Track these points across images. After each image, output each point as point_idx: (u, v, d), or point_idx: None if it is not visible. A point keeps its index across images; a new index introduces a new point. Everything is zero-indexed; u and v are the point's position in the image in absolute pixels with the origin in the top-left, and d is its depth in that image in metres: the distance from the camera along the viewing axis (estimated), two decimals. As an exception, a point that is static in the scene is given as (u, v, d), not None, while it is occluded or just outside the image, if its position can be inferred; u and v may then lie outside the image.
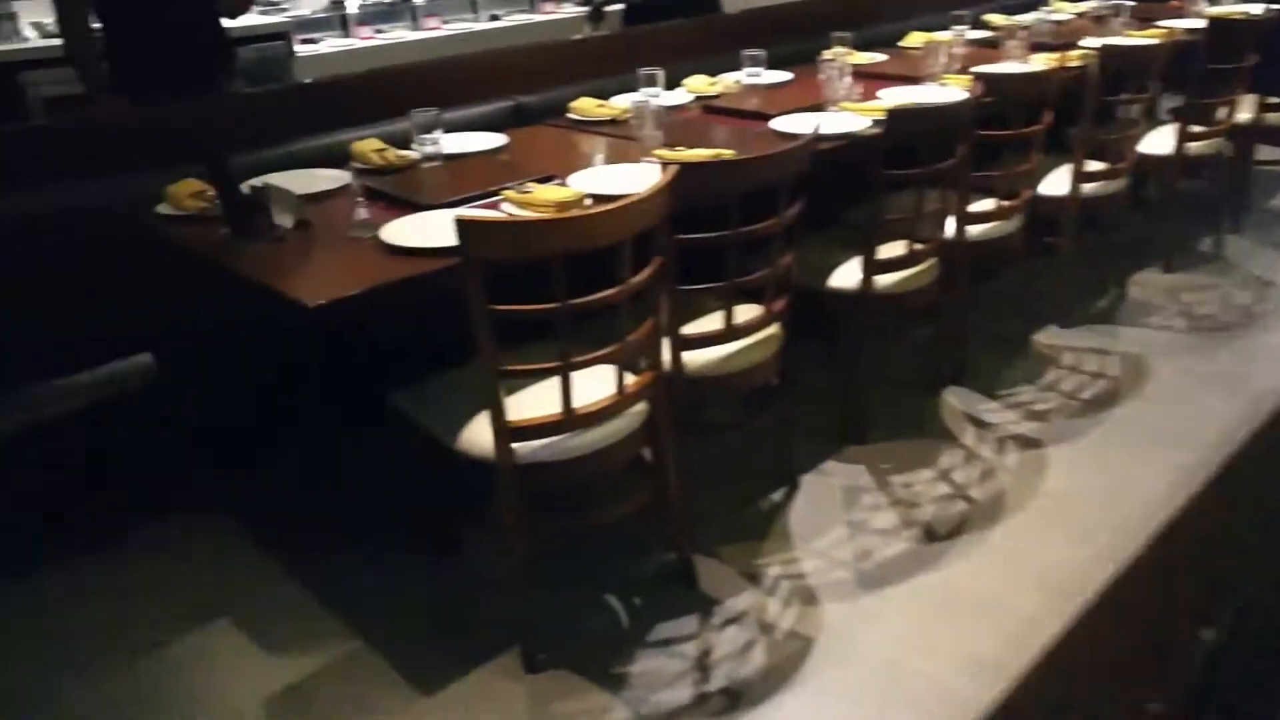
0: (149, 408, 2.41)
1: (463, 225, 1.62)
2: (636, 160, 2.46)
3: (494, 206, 2.16)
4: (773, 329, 2.32)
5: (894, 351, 3.17)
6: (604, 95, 3.10)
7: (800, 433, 2.68)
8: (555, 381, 1.82)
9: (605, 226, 1.71)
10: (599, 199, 2.16)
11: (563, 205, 2.07)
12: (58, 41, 3.16)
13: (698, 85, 3.21)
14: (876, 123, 2.68)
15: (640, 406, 2.00)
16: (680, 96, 3.14)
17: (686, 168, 1.86)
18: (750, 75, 3.19)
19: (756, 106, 3.00)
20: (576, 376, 1.82)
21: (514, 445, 1.84)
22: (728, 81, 3.24)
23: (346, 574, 2.33)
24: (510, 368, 1.76)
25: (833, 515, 2.49)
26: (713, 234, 2.00)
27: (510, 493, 1.87)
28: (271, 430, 2.67)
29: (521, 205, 2.11)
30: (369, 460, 2.54)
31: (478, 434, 1.89)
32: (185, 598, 2.29)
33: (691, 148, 2.47)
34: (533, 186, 2.18)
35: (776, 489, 2.60)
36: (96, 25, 3.02)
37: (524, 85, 3.27)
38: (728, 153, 2.40)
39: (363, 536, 2.44)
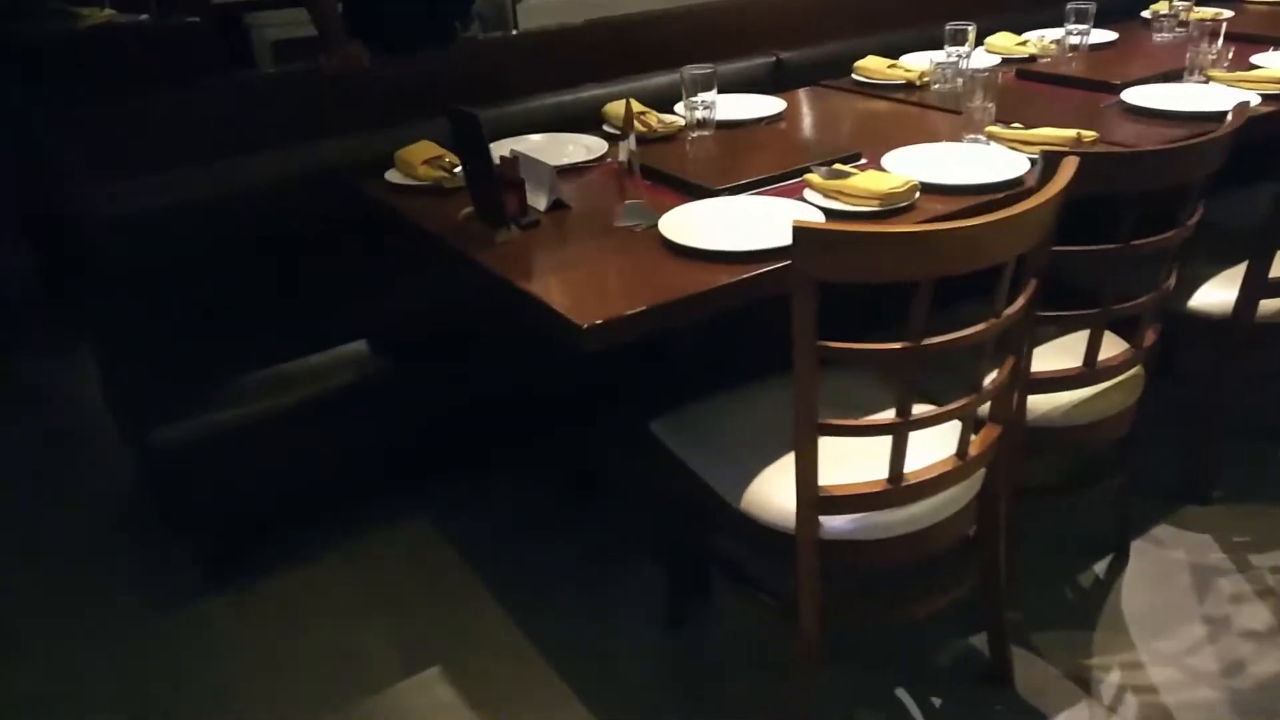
0: (358, 402, 2.11)
1: (801, 234, 1.16)
2: (958, 138, 1.95)
3: (793, 194, 1.70)
4: (1136, 368, 1.78)
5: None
6: (885, 53, 2.58)
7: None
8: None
9: (1000, 240, 1.21)
10: (928, 190, 1.68)
11: (889, 197, 1.60)
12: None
13: (1003, 45, 2.64)
14: (1266, 98, 2.08)
15: (980, 472, 1.52)
16: (983, 58, 2.58)
17: (1094, 160, 1.34)
18: (1075, 34, 2.57)
19: (1085, 72, 2.42)
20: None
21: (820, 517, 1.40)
22: (1044, 42, 2.64)
23: (576, 624, 1.96)
24: (832, 422, 1.31)
25: (1181, 604, 1.94)
26: (1103, 247, 1.47)
27: (811, 574, 1.43)
28: (494, 441, 2.34)
29: (831, 194, 1.64)
30: (610, 488, 2.16)
31: (770, 496, 1.46)
32: (396, 629, 1.98)
33: (1030, 126, 1.93)
34: (843, 169, 1.71)
35: (1098, 560, 2.06)
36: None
37: (785, 38, 2.81)
38: (1089, 134, 1.85)
39: (598, 579, 2.07)
